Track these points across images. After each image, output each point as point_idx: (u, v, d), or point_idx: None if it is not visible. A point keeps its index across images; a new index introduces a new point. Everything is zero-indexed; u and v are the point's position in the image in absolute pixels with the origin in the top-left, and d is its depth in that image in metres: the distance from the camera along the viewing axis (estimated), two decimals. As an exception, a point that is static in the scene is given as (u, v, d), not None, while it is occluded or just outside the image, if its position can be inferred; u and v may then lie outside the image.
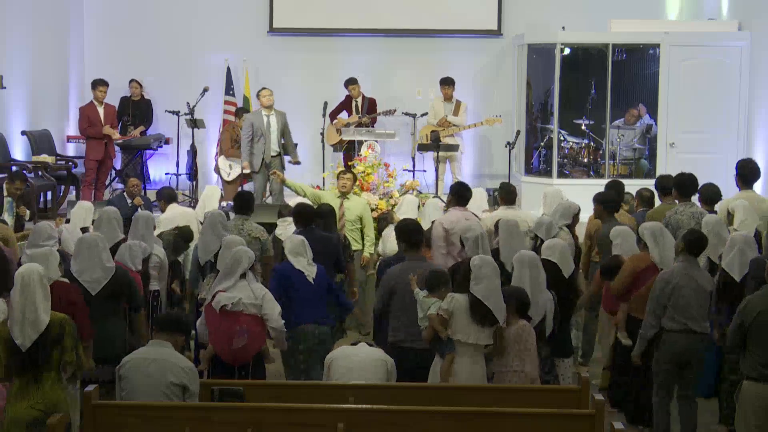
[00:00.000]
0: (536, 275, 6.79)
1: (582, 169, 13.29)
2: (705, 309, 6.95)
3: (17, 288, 5.59)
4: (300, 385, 6.48)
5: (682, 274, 6.90)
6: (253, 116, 12.38)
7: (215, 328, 6.71)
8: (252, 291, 6.80)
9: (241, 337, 6.65)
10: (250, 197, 9.32)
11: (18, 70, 13.18)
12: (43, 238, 7.70)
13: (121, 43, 14.81)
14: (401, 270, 7.02)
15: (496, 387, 6.24)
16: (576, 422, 5.57)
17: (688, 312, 6.85)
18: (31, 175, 12.44)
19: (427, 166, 13.64)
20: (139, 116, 14.27)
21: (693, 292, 6.86)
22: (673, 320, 6.87)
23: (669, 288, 6.85)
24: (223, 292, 6.75)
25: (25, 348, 5.53)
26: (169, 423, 5.51)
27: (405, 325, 6.83)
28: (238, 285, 6.78)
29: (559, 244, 7.50)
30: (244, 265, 6.84)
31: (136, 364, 5.85)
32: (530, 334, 6.43)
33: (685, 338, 6.86)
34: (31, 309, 5.55)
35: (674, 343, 6.87)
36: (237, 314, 6.69)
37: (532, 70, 13.63)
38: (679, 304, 6.85)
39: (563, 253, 7.37)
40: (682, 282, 6.86)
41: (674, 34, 13.12)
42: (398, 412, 5.62)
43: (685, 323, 6.85)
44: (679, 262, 6.99)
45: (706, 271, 7.21)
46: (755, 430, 6.05)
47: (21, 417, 5.56)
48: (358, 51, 14.84)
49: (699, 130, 13.00)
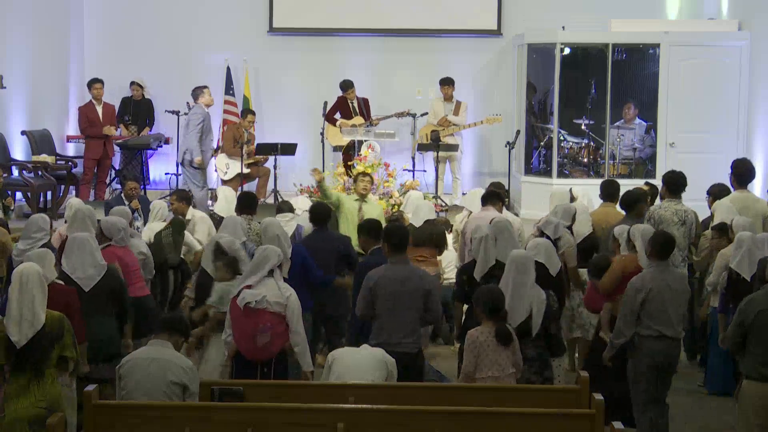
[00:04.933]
0: (524, 274, 6.70)
1: (582, 169, 13.28)
2: (681, 312, 6.86)
3: (15, 286, 5.59)
4: (300, 385, 6.47)
5: (654, 279, 6.79)
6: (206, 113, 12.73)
7: (239, 325, 6.71)
8: (279, 289, 6.76)
9: (264, 334, 6.66)
10: (253, 197, 9.59)
11: (18, 70, 13.19)
12: (33, 230, 7.71)
13: (121, 43, 14.81)
14: (384, 271, 6.94)
15: (496, 387, 6.24)
16: (576, 422, 5.57)
17: (661, 318, 6.76)
18: (31, 174, 12.46)
19: (427, 166, 13.65)
20: (140, 116, 14.29)
21: (667, 297, 6.76)
22: (647, 327, 6.78)
23: (641, 295, 6.75)
24: (249, 289, 6.75)
25: (20, 345, 5.52)
26: (169, 423, 5.51)
27: (389, 327, 6.79)
28: (264, 282, 6.78)
29: (543, 243, 7.50)
30: (273, 262, 6.79)
31: (137, 363, 5.86)
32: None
33: (660, 344, 6.78)
34: (29, 307, 5.56)
35: (650, 349, 6.79)
36: (261, 312, 6.68)
37: (532, 70, 13.63)
38: (652, 312, 6.76)
39: (548, 252, 7.38)
40: (655, 288, 6.75)
41: (674, 33, 13.12)
42: (398, 412, 5.62)
43: (658, 329, 6.77)
44: (651, 267, 6.88)
45: (679, 271, 7.08)
46: (756, 430, 6.05)
47: (23, 415, 5.55)
48: (358, 51, 14.84)
49: (699, 130, 13.00)
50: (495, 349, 6.36)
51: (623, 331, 6.84)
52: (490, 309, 6.38)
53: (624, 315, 6.84)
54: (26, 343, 5.54)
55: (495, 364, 6.34)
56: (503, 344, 6.33)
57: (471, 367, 6.34)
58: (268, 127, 14.49)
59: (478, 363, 6.33)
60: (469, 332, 6.42)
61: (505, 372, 6.34)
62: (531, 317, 6.62)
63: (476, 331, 6.38)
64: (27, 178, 12.39)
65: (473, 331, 6.40)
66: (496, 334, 6.32)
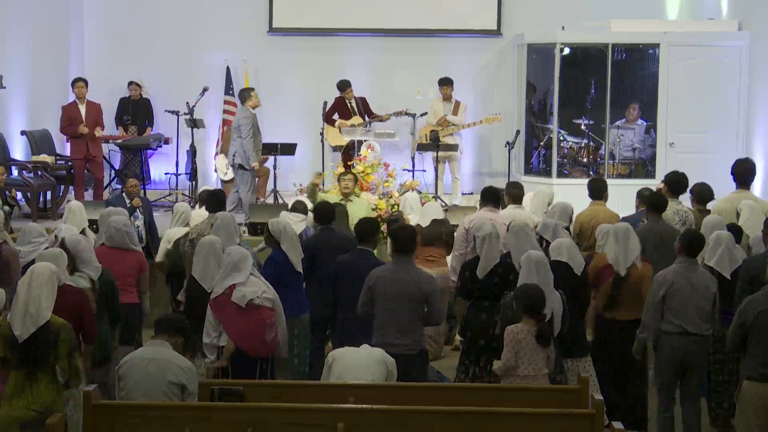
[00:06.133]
0: (545, 275, 6.76)
1: (581, 169, 13.27)
2: (705, 310, 6.91)
3: (25, 280, 5.65)
4: (300, 385, 6.48)
5: (678, 275, 6.88)
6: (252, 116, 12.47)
7: (235, 323, 6.70)
8: (266, 285, 6.86)
9: (270, 330, 6.67)
10: (223, 195, 9.65)
11: (18, 70, 13.18)
12: (32, 236, 7.71)
13: (121, 43, 14.81)
14: (385, 271, 6.95)
15: (496, 387, 6.25)
16: (576, 422, 5.57)
17: (683, 314, 6.83)
18: (31, 174, 12.45)
19: (426, 166, 13.65)
20: (139, 116, 14.28)
21: (689, 293, 6.83)
22: (669, 323, 6.87)
23: (663, 290, 6.84)
24: (242, 287, 6.73)
25: (21, 339, 5.55)
26: (169, 423, 5.51)
27: (387, 327, 6.81)
28: (251, 280, 6.78)
29: (565, 243, 7.52)
30: (251, 260, 6.85)
31: (136, 363, 5.87)
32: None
33: (681, 340, 6.84)
34: (35, 303, 5.59)
35: (670, 345, 6.87)
36: (261, 308, 6.70)
37: (532, 70, 13.63)
38: (673, 306, 6.84)
39: (571, 252, 7.39)
40: (677, 284, 6.84)
41: (674, 34, 13.11)
42: (398, 412, 5.62)
43: (680, 325, 6.83)
44: (677, 263, 6.98)
45: (707, 271, 7.19)
46: (756, 430, 6.05)
47: (16, 417, 5.59)
48: (358, 51, 14.84)
49: (698, 130, 12.99)
50: (533, 348, 6.41)
51: (646, 324, 6.94)
52: (530, 308, 6.44)
53: (647, 308, 6.94)
54: (27, 339, 5.55)
55: (531, 363, 6.41)
56: (543, 345, 6.38)
57: (512, 362, 6.41)
58: (268, 127, 14.43)
59: (516, 360, 6.40)
60: (509, 328, 6.48)
61: (541, 372, 6.42)
62: (552, 318, 6.70)
63: (516, 328, 6.45)
64: (27, 178, 12.38)
65: (514, 327, 6.47)
66: (537, 334, 6.37)
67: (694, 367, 6.94)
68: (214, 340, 6.78)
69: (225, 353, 6.77)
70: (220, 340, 6.78)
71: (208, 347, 6.81)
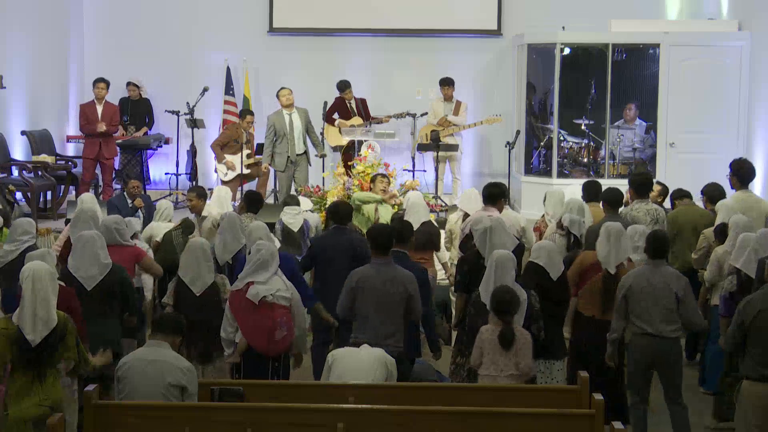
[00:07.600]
0: (501, 274, 6.71)
1: (582, 169, 13.27)
2: (669, 311, 6.82)
3: (28, 286, 5.58)
4: (300, 385, 6.47)
5: (638, 277, 6.86)
6: (275, 117, 12.65)
7: (249, 320, 6.69)
8: (284, 283, 6.83)
9: (282, 328, 6.67)
10: (259, 196, 9.60)
11: (18, 70, 13.19)
12: (19, 233, 7.70)
13: (121, 43, 14.81)
14: (366, 272, 6.91)
15: (496, 387, 6.25)
16: (576, 422, 5.57)
17: (644, 316, 6.81)
18: (31, 174, 12.46)
19: (427, 166, 13.65)
20: (138, 116, 14.28)
21: (647, 295, 6.80)
22: (633, 324, 6.88)
23: (622, 292, 6.87)
24: (259, 284, 6.73)
25: (35, 344, 5.53)
26: (169, 423, 5.52)
27: (369, 328, 6.78)
28: (272, 278, 6.78)
29: (546, 246, 7.45)
30: (277, 260, 6.84)
31: (134, 365, 5.85)
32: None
33: (644, 341, 6.84)
34: (44, 306, 5.55)
35: (636, 346, 6.89)
36: (273, 306, 6.69)
37: (532, 70, 13.62)
38: (635, 309, 6.84)
39: (551, 256, 7.31)
40: (636, 286, 6.82)
41: (674, 34, 13.11)
42: (398, 412, 5.62)
43: (642, 327, 6.83)
44: (643, 265, 6.98)
45: (672, 270, 7.06)
46: (755, 430, 6.05)
47: (27, 415, 5.55)
48: (358, 51, 14.84)
49: (699, 130, 12.99)
50: (495, 349, 6.39)
51: (613, 327, 6.98)
52: (497, 310, 6.45)
53: (615, 311, 6.97)
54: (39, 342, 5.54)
55: (492, 363, 6.43)
56: (504, 347, 6.37)
57: (477, 362, 6.49)
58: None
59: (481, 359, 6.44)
60: (482, 328, 6.52)
61: (503, 373, 6.39)
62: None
63: (484, 328, 6.50)
64: (27, 178, 12.39)
65: (484, 327, 6.51)
66: (499, 336, 6.37)
67: (664, 368, 6.91)
68: (230, 335, 6.78)
69: (237, 349, 6.77)
70: (237, 336, 6.78)
71: (226, 342, 6.82)
